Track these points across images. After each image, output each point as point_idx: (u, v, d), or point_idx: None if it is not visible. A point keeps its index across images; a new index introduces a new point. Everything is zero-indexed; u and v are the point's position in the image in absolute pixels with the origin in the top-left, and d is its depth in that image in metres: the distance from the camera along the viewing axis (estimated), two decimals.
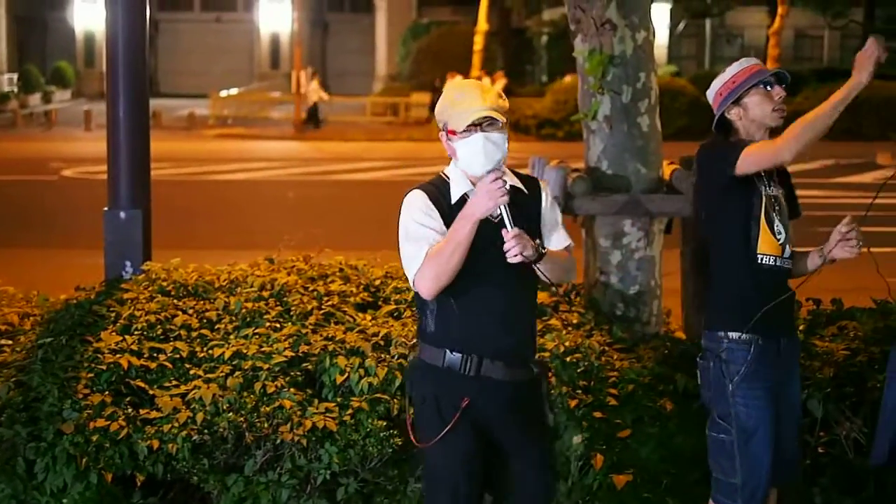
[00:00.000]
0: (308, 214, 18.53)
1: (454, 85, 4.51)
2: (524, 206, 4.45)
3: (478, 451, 4.51)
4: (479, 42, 40.83)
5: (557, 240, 4.61)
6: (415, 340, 5.87)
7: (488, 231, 4.33)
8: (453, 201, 4.44)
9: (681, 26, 55.29)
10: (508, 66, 45.96)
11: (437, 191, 4.49)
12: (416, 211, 4.45)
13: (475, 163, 4.35)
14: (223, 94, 44.18)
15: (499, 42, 46.95)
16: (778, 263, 4.98)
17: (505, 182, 4.24)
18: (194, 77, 59.29)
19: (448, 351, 4.48)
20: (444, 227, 4.36)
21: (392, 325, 6.11)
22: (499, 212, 4.26)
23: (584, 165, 7.31)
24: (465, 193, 4.42)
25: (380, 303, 6.63)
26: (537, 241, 4.36)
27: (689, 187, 7.02)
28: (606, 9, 6.99)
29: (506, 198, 4.21)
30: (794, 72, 45.66)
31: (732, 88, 4.98)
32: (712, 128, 5.12)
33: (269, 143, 34.61)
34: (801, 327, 6.26)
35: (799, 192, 5.17)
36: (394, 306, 6.48)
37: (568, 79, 34.29)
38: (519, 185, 4.50)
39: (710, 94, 5.08)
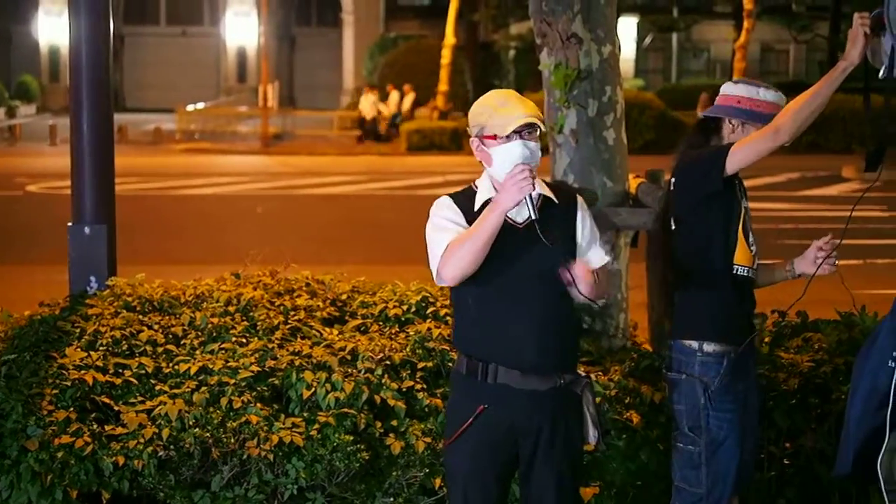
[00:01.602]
0: (275, 229, 18.50)
1: (494, 92, 4.56)
2: (553, 216, 4.49)
3: (492, 460, 4.53)
4: (446, 56, 40.87)
5: (594, 256, 4.64)
6: (381, 355, 5.89)
7: (514, 239, 4.39)
8: (477, 208, 4.47)
9: (647, 40, 55.57)
10: (476, 79, 46.03)
11: (465, 197, 4.55)
12: (444, 209, 4.52)
13: (511, 169, 4.36)
14: (190, 108, 44.05)
15: (466, 56, 47.02)
16: (749, 274, 5.03)
17: (532, 173, 4.29)
18: (160, 91, 59.09)
19: (468, 357, 4.54)
20: (468, 227, 4.42)
21: (359, 340, 6.10)
22: (527, 210, 4.37)
23: (550, 179, 7.32)
24: (489, 199, 4.44)
25: (346, 317, 6.61)
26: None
27: (655, 200, 7.04)
28: (572, 23, 7.01)
29: (531, 188, 4.27)
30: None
31: (755, 111, 4.98)
32: (697, 123, 5.16)
33: (237, 157, 34.56)
34: (766, 339, 6.28)
35: (765, 205, 5.25)
36: (360, 321, 6.46)
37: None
38: (550, 194, 4.53)
39: (729, 90, 5.06)
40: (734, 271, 5.00)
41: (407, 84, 41.88)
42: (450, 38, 40.69)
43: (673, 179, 5.16)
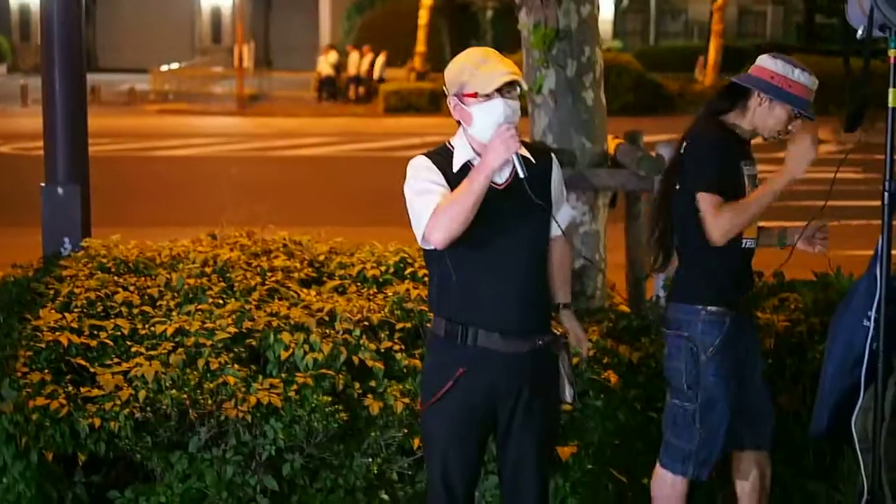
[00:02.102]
0: (251, 190, 18.45)
1: (474, 50, 4.51)
2: (533, 176, 4.44)
3: (471, 423, 4.52)
4: (423, 17, 40.73)
5: (562, 215, 4.66)
6: (359, 316, 5.87)
7: (495, 201, 4.35)
8: (456, 169, 4.43)
9: (625, 1, 55.45)
10: (453, 40, 45.87)
11: (441, 158, 4.48)
12: (422, 170, 4.45)
13: (492, 128, 4.33)
14: (164, 68, 43.83)
15: (444, 17, 46.84)
16: (754, 245, 5.11)
17: (517, 132, 4.27)
18: (134, 51, 58.57)
19: (446, 320, 4.51)
20: (449, 189, 4.37)
21: (337, 301, 6.08)
22: (507, 171, 4.38)
23: (528, 139, 7.31)
24: (469, 161, 4.42)
25: (324, 278, 6.60)
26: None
27: (633, 161, 7.04)
28: None
29: (518, 146, 4.26)
30: (737, 48, 46.12)
31: (784, 91, 4.96)
32: (724, 87, 5.19)
33: (212, 118, 34.39)
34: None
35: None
36: (338, 282, 6.45)
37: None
38: (528, 155, 4.49)
39: (765, 63, 5.05)
40: (742, 244, 5.03)
41: (366, 45, 41.79)
42: None
43: (685, 144, 5.11)
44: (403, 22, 45.94)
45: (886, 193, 4.71)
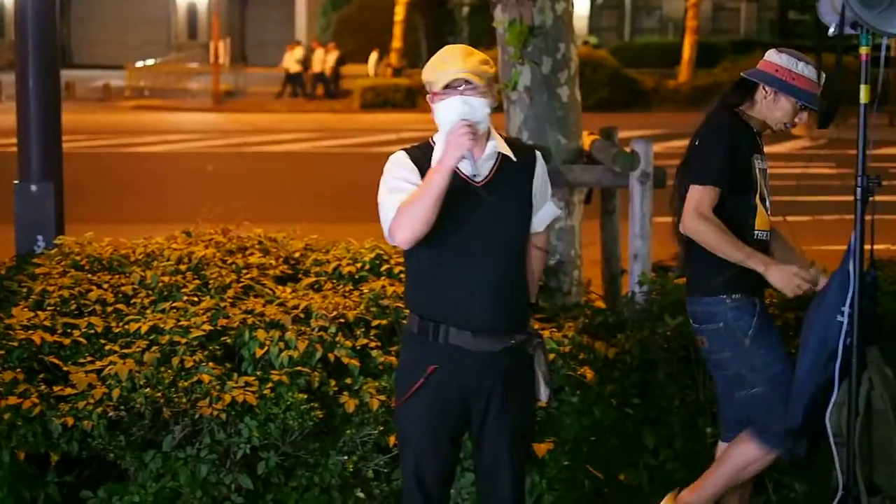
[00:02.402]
0: (227, 187, 18.39)
1: (445, 48, 4.51)
2: (510, 173, 4.45)
3: (444, 420, 4.51)
4: (399, 13, 40.70)
5: (546, 212, 4.64)
6: (334, 313, 5.86)
7: (466, 197, 4.35)
8: (433, 165, 4.41)
9: None
10: (430, 36, 45.85)
11: (421, 153, 4.48)
12: (398, 167, 4.46)
13: (450, 125, 4.34)
14: (139, 64, 43.71)
15: (420, 13, 46.79)
16: (767, 238, 5.19)
17: (472, 128, 4.27)
18: (109, 47, 58.38)
19: (420, 317, 4.50)
20: None
21: (312, 298, 6.07)
22: (486, 168, 4.39)
23: (504, 136, 7.30)
24: None
25: (300, 275, 6.58)
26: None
27: (609, 157, 7.05)
28: None
29: (470, 144, 4.25)
30: (711, 44, 46.21)
31: (788, 83, 5.06)
32: (736, 82, 5.27)
33: (188, 114, 34.34)
34: None
35: None
36: (314, 279, 6.43)
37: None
38: (509, 153, 4.48)
39: (771, 57, 5.14)
40: (755, 237, 5.10)
41: (332, 42, 41.76)
42: None
43: (697, 140, 5.18)
44: (379, 18, 45.98)
45: (859, 189, 4.72)
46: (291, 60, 40.65)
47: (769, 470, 5.77)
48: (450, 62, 4.38)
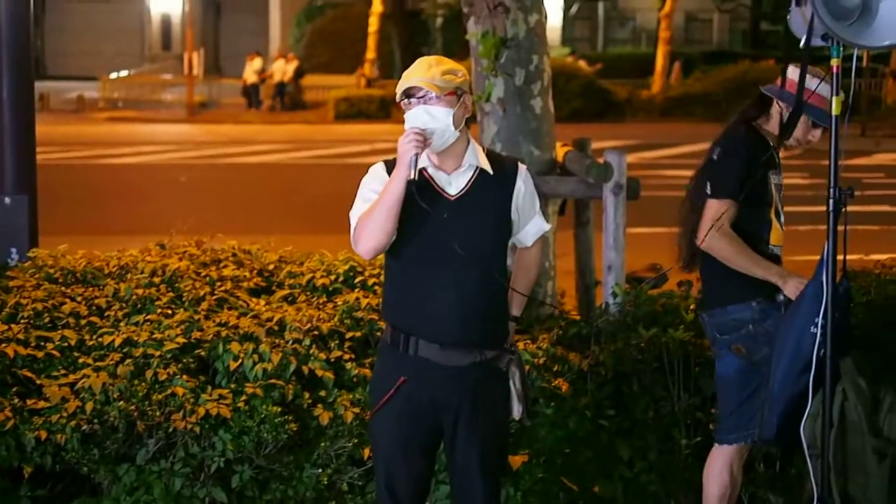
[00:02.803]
0: (201, 199, 18.36)
1: (419, 59, 4.51)
2: (487, 187, 4.44)
3: (414, 431, 4.51)
4: (373, 24, 40.72)
5: (531, 228, 4.65)
6: (308, 325, 5.86)
7: (444, 211, 4.36)
8: (412, 176, 4.38)
9: (574, 9, 55.65)
10: (403, 47, 45.87)
11: None
12: (373, 179, 4.48)
13: None
14: (113, 76, 43.56)
15: (393, 24, 46.81)
16: (780, 253, 5.24)
17: (421, 135, 4.26)
18: (83, 58, 58.17)
19: (392, 328, 4.52)
20: None
21: (286, 310, 6.06)
22: (461, 181, 4.40)
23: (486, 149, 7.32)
24: (424, 168, 4.39)
25: (274, 287, 6.58)
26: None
27: (582, 169, 7.06)
28: None
29: (416, 150, 4.24)
30: (684, 54, 46.36)
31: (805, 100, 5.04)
32: (756, 96, 5.31)
33: (162, 126, 34.24)
34: (691, 306, 6.32)
35: (683, 173, 5.31)
36: (288, 291, 6.42)
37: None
38: (487, 167, 4.46)
39: (790, 73, 5.13)
40: (770, 251, 5.15)
41: (291, 53, 41.68)
42: (377, 6, 40.55)
43: (715, 153, 5.20)
44: (353, 29, 45.95)
45: (831, 200, 4.74)
46: (250, 71, 40.52)
47: (745, 483, 5.79)
48: (414, 71, 4.38)
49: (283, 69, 40.05)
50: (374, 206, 4.31)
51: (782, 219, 5.24)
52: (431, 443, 4.59)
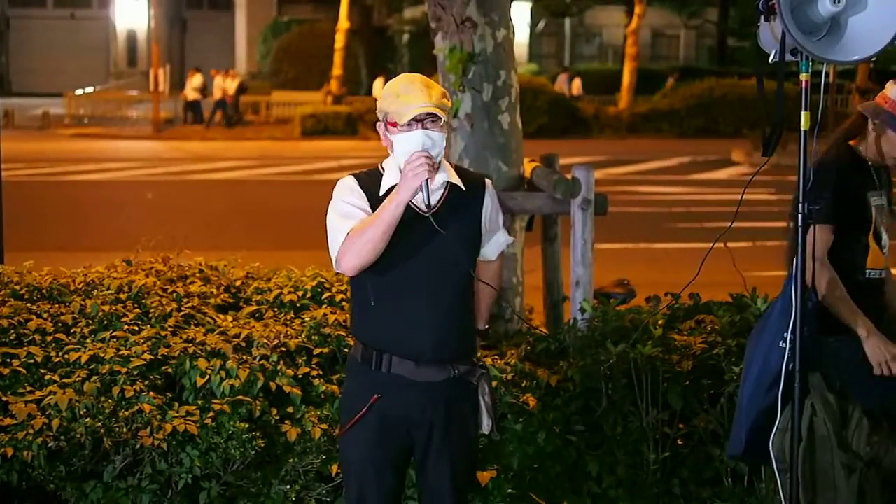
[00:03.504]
0: (167, 215, 18.31)
1: (401, 78, 4.46)
2: (459, 203, 4.43)
3: (387, 449, 4.49)
4: (340, 40, 40.67)
5: (496, 240, 4.64)
6: (276, 342, 5.84)
7: (418, 228, 4.33)
8: (382, 192, 4.39)
9: (541, 25, 55.88)
10: (370, 63, 45.92)
11: (370, 179, 4.46)
12: (347, 192, 4.43)
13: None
14: (79, 92, 43.42)
15: (360, 40, 46.86)
16: (882, 276, 5.10)
17: (430, 159, 4.24)
18: (48, 75, 58.07)
19: (363, 345, 4.49)
20: (371, 212, 4.34)
21: (254, 327, 6.04)
22: (439, 195, 4.37)
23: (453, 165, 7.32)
24: (394, 186, 4.36)
25: (241, 304, 6.55)
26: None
27: (550, 185, 7.07)
28: (466, 7, 7.01)
29: (427, 174, 4.21)
30: (651, 70, 46.55)
31: (893, 114, 4.98)
32: (857, 114, 5.17)
33: (128, 142, 34.14)
34: (660, 322, 6.33)
35: (657, 189, 5.33)
36: (255, 307, 6.41)
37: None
38: (458, 182, 4.46)
39: (888, 91, 5.03)
40: (866, 276, 5.05)
41: (233, 69, 41.54)
42: (343, 22, 40.51)
43: (812, 171, 5.09)
44: (319, 45, 45.94)
45: (800, 215, 4.75)
46: (189, 88, 40.32)
47: (712, 496, 5.80)
48: (415, 95, 4.32)
49: (221, 86, 39.76)
50: (369, 224, 4.26)
51: (884, 240, 5.09)
52: (402, 460, 4.58)
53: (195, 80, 40.09)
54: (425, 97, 4.32)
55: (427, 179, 4.24)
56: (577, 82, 41.70)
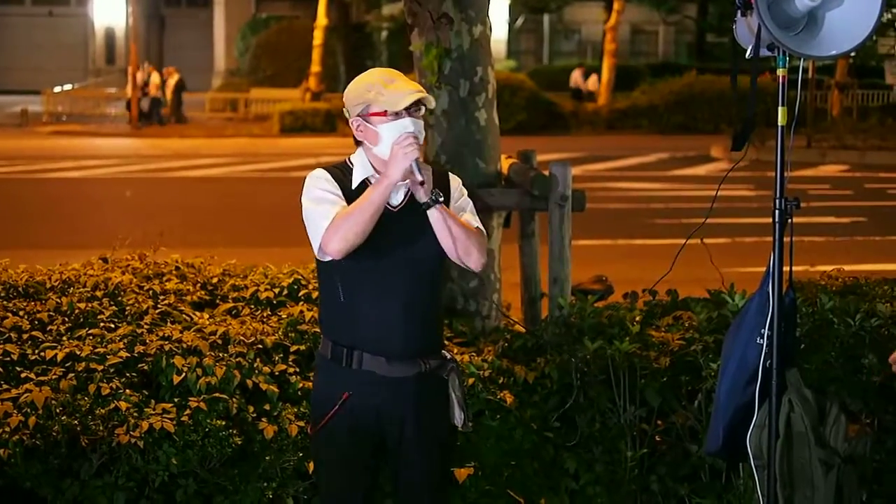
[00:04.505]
0: (145, 212, 18.25)
1: (376, 71, 4.50)
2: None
3: (358, 446, 4.49)
4: (318, 37, 40.63)
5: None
6: (253, 339, 5.82)
7: (387, 224, 4.32)
8: (354, 186, 4.40)
9: (519, 21, 55.86)
10: (348, 60, 45.87)
11: (341, 173, 4.46)
12: (322, 181, 4.42)
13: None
14: (57, 90, 43.28)
15: (338, 37, 46.83)
16: None
17: (417, 141, 4.26)
18: (26, 73, 57.88)
19: (333, 342, 4.48)
20: (346, 203, 4.34)
21: (230, 324, 6.03)
22: (406, 190, 4.35)
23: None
24: (367, 179, 4.39)
25: (217, 301, 6.54)
26: (436, 190, 4.32)
27: (527, 181, 7.06)
28: (443, 3, 6.99)
29: (416, 154, 4.23)
30: (630, 67, 46.67)
31: None
32: None
33: (106, 139, 34.06)
34: (637, 318, 6.33)
35: (635, 185, 5.32)
36: (231, 304, 6.39)
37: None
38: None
39: None
40: None
41: (171, 66, 41.36)
42: (322, 19, 40.48)
43: None
44: (298, 42, 45.91)
45: (777, 211, 4.75)
46: (129, 87, 40.01)
47: (689, 493, 5.80)
48: (402, 84, 4.38)
49: (156, 83, 39.48)
50: (356, 206, 4.25)
51: None
52: (374, 457, 4.57)
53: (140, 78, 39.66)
54: (414, 86, 4.40)
55: (417, 159, 4.25)
56: (593, 78, 41.66)
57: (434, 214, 4.32)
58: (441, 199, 4.31)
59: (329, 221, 4.29)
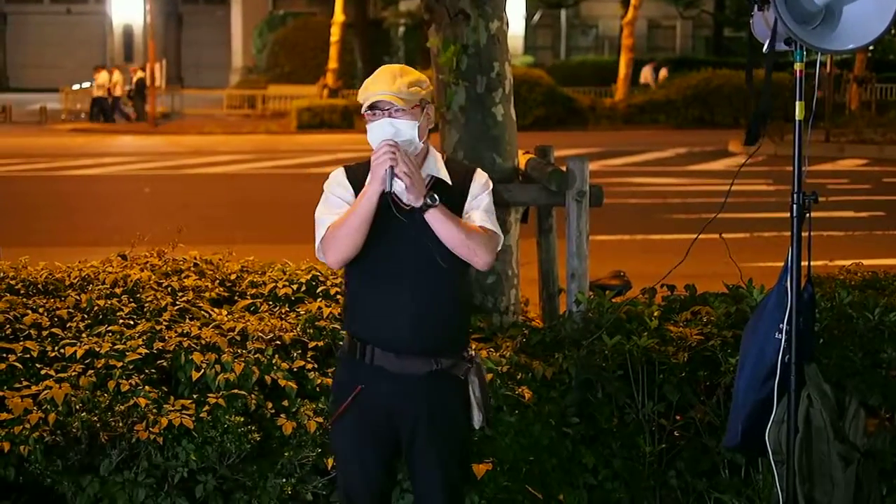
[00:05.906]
0: (163, 209, 18.28)
1: (385, 66, 4.52)
2: (443, 197, 4.40)
3: (371, 440, 4.52)
4: (335, 33, 40.64)
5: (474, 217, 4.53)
6: (271, 335, 5.84)
7: (400, 221, 4.34)
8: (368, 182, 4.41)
9: (536, 17, 55.82)
10: (365, 56, 45.86)
11: (360, 171, 4.48)
12: (335, 185, 4.49)
13: (376, 146, 4.34)
14: (75, 87, 43.37)
15: (355, 33, 46.80)
16: None
17: (395, 147, 4.24)
18: (45, 70, 58.11)
19: (351, 336, 4.53)
20: None
21: (248, 320, 6.04)
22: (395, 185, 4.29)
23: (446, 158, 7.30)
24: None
25: (236, 297, 6.55)
26: (431, 193, 4.33)
27: (544, 177, 7.05)
28: None
29: (389, 161, 4.22)
30: (647, 61, 46.49)
31: None
32: None
33: (124, 137, 34.12)
34: (655, 313, 6.32)
35: (653, 180, 5.30)
36: (250, 301, 6.40)
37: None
38: (445, 177, 4.48)
39: None
40: None
41: (134, 65, 41.35)
42: (339, 16, 40.48)
43: None
44: (315, 38, 45.93)
45: (795, 205, 4.74)
46: (94, 85, 39.98)
47: (708, 488, 5.80)
48: (378, 83, 4.38)
49: (115, 81, 39.39)
50: (345, 218, 4.31)
51: None
52: (388, 451, 4.59)
53: (100, 78, 39.54)
54: (385, 85, 4.35)
55: (392, 167, 4.23)
56: (663, 73, 41.61)
57: (430, 218, 4.33)
58: (436, 202, 4.31)
59: (324, 232, 4.38)
